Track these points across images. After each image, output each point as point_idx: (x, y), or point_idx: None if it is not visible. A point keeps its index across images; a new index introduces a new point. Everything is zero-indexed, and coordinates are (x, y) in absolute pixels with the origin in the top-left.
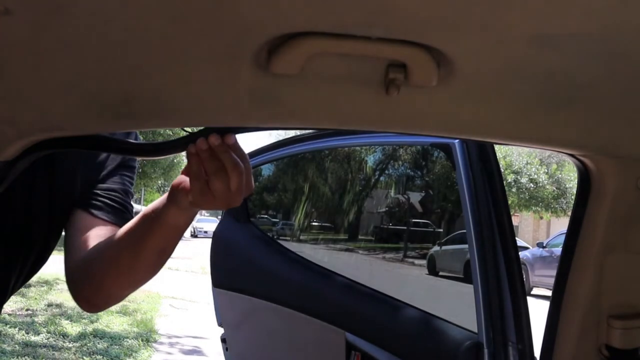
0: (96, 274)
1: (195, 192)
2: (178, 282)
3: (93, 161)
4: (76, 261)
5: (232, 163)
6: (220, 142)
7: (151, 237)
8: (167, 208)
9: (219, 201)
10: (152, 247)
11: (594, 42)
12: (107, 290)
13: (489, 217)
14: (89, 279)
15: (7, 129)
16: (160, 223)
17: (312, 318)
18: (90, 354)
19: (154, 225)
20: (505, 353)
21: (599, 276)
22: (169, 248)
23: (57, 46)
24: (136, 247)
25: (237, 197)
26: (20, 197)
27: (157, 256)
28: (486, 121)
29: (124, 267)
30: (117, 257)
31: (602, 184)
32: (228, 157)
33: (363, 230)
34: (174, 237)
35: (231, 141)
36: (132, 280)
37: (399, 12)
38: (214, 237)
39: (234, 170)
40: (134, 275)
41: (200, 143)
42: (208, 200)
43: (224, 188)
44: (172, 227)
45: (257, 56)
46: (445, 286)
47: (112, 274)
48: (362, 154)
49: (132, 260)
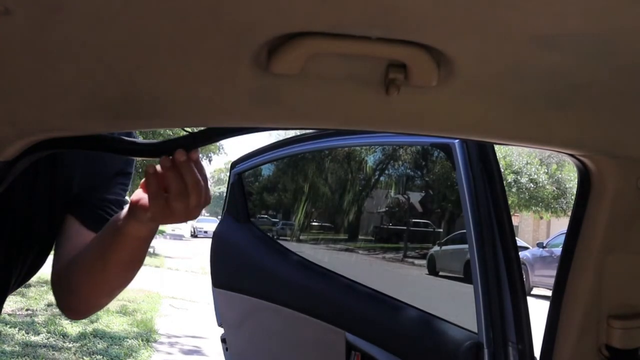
0: (74, 283)
1: (154, 210)
2: (178, 282)
3: (91, 165)
4: (60, 269)
5: (193, 182)
6: (186, 158)
7: (115, 248)
8: (127, 222)
9: (178, 217)
10: (118, 258)
11: (594, 42)
12: (85, 298)
13: (489, 217)
14: (69, 287)
15: (7, 129)
16: (123, 236)
17: (312, 318)
18: (90, 354)
19: (116, 238)
20: (505, 353)
21: (599, 276)
22: (135, 259)
23: (57, 46)
24: (104, 257)
25: (196, 212)
26: (20, 197)
27: (125, 266)
28: (486, 121)
29: (97, 276)
30: (90, 267)
31: (602, 184)
32: (190, 176)
33: (363, 230)
34: (139, 248)
35: (195, 157)
36: (106, 289)
37: (399, 12)
38: (214, 237)
39: (194, 190)
40: (107, 284)
41: (164, 161)
42: (167, 216)
43: (184, 207)
44: (135, 239)
45: (257, 56)
46: (445, 286)
47: (87, 283)
48: (362, 154)
49: (103, 271)
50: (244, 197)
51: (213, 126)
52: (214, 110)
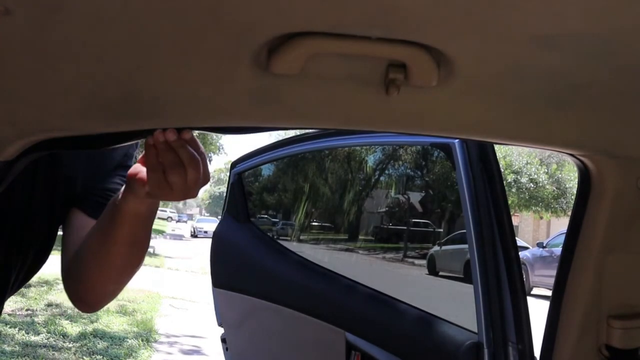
0: (81, 272)
1: (152, 183)
2: (178, 282)
3: (92, 161)
4: (68, 262)
5: (189, 157)
6: (177, 137)
7: (116, 228)
8: (125, 198)
9: (176, 194)
10: (120, 239)
11: (594, 42)
12: (92, 286)
13: (489, 217)
14: (78, 278)
15: (7, 129)
16: (122, 213)
17: (312, 318)
18: (90, 354)
19: (116, 216)
20: (505, 353)
21: (599, 276)
22: (138, 238)
23: (57, 46)
24: (107, 240)
25: (194, 189)
26: (20, 196)
27: (129, 248)
28: (486, 121)
29: (103, 262)
30: (94, 253)
31: (602, 184)
32: (185, 152)
33: (363, 230)
34: (140, 226)
35: (187, 137)
36: (112, 275)
37: (399, 12)
38: (214, 237)
39: (191, 164)
40: (112, 268)
41: (157, 135)
42: (165, 192)
43: (181, 181)
44: (134, 215)
45: (257, 56)
46: (445, 286)
47: (94, 271)
48: (362, 154)
49: (107, 254)
50: (244, 197)
51: (213, 126)
52: (214, 110)
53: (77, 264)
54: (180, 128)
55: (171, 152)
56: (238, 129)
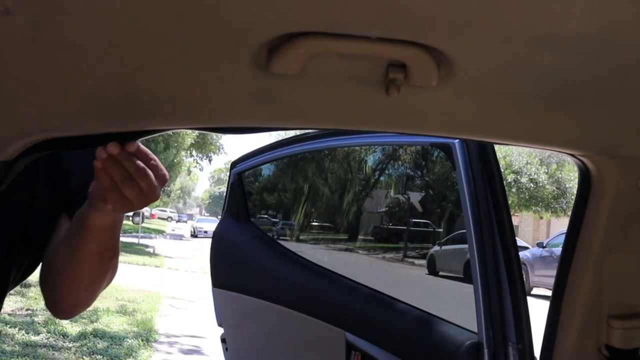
0: (54, 281)
1: (112, 201)
2: (178, 282)
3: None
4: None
5: (134, 169)
6: (119, 150)
7: (83, 240)
8: (90, 213)
9: (137, 204)
10: (87, 251)
11: (594, 42)
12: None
13: (489, 217)
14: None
15: (7, 129)
16: (88, 228)
17: (312, 318)
18: (90, 354)
19: (83, 231)
20: (505, 353)
21: (599, 276)
22: (106, 248)
23: (57, 46)
24: (74, 252)
25: (152, 195)
26: (21, 196)
27: (98, 258)
28: (486, 121)
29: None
30: (63, 263)
31: (602, 184)
32: (130, 164)
33: (363, 230)
34: (107, 236)
35: (132, 149)
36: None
37: (399, 12)
38: (214, 237)
39: (138, 174)
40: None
41: (100, 151)
42: (126, 205)
43: (136, 193)
44: (100, 229)
45: (257, 56)
46: (445, 286)
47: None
48: (362, 154)
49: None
50: (244, 197)
51: (213, 126)
52: (214, 110)
53: (49, 274)
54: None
55: (119, 166)
56: (238, 129)
